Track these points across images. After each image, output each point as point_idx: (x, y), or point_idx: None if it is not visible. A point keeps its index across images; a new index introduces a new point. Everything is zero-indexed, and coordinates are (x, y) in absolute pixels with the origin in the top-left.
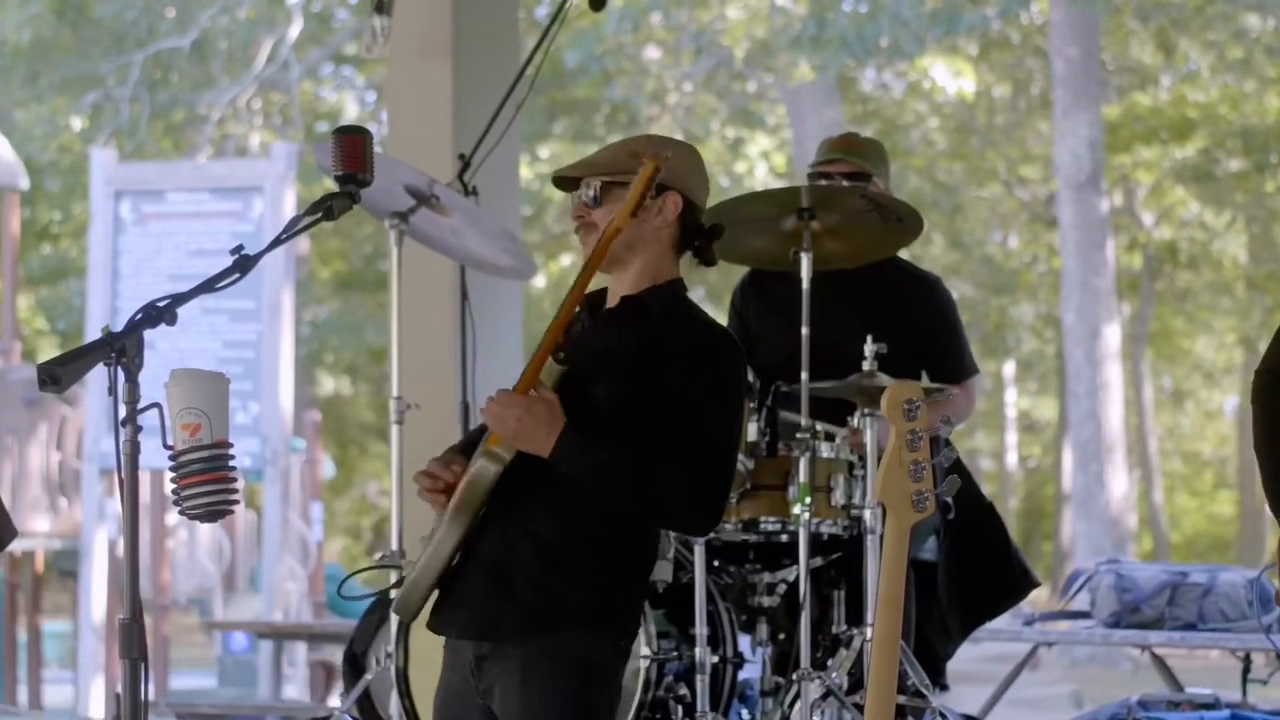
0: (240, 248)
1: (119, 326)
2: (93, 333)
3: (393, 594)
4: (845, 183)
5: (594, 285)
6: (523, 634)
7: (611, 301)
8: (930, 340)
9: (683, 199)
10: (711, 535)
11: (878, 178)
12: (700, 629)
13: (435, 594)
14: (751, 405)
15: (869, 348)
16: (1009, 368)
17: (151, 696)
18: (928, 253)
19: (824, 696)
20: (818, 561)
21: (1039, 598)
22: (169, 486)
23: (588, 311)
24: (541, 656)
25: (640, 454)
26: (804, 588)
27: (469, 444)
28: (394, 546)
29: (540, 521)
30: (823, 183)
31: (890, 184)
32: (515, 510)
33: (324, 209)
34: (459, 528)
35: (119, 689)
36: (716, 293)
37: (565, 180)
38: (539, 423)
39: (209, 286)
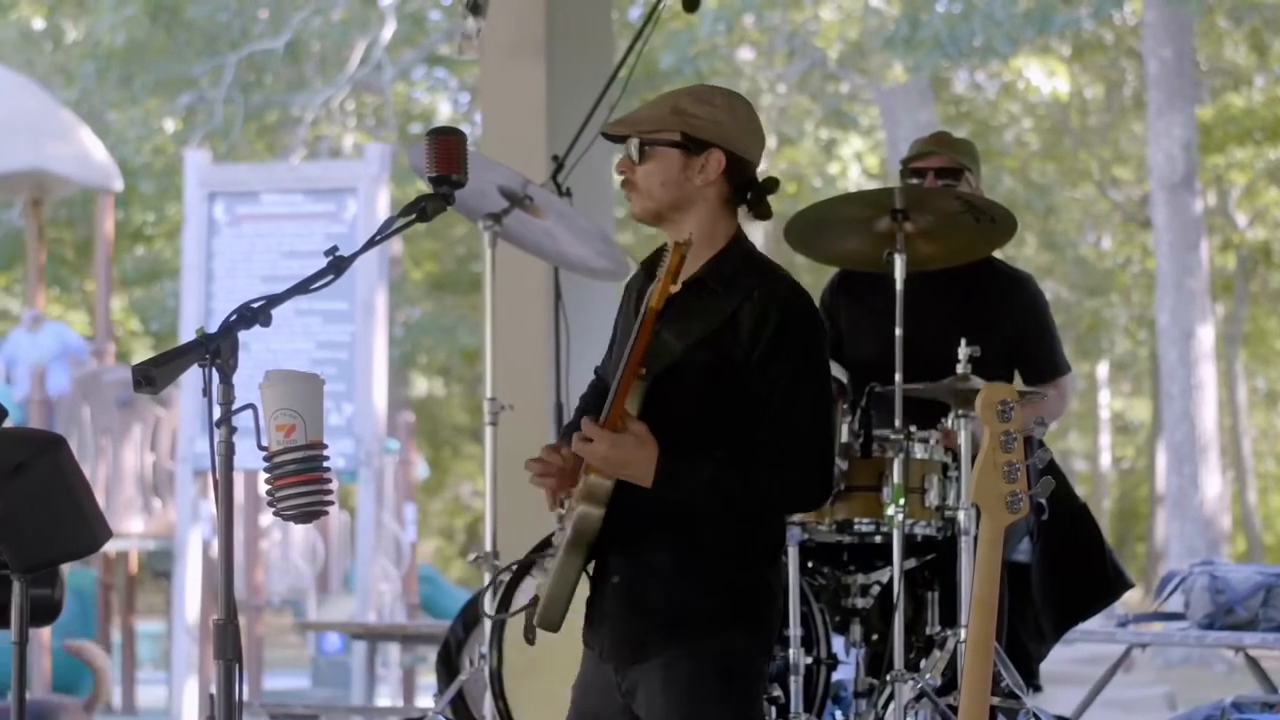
0: (335, 249)
1: (213, 328)
2: (186, 334)
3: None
4: (939, 181)
5: (641, 241)
6: (663, 644)
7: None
8: (1024, 338)
9: (726, 155)
10: (805, 536)
11: (970, 174)
12: (794, 630)
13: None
14: (844, 406)
15: (963, 350)
16: (1103, 369)
17: (245, 697)
18: (1021, 254)
19: (917, 698)
20: (911, 563)
21: (1132, 599)
22: (263, 487)
23: (647, 279)
24: (683, 659)
25: (736, 460)
26: (898, 589)
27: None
28: (488, 548)
29: (661, 538)
30: (914, 182)
31: (982, 185)
32: (635, 530)
33: (418, 210)
34: (577, 559)
35: (213, 690)
36: (811, 293)
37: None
38: (628, 458)
39: (304, 288)
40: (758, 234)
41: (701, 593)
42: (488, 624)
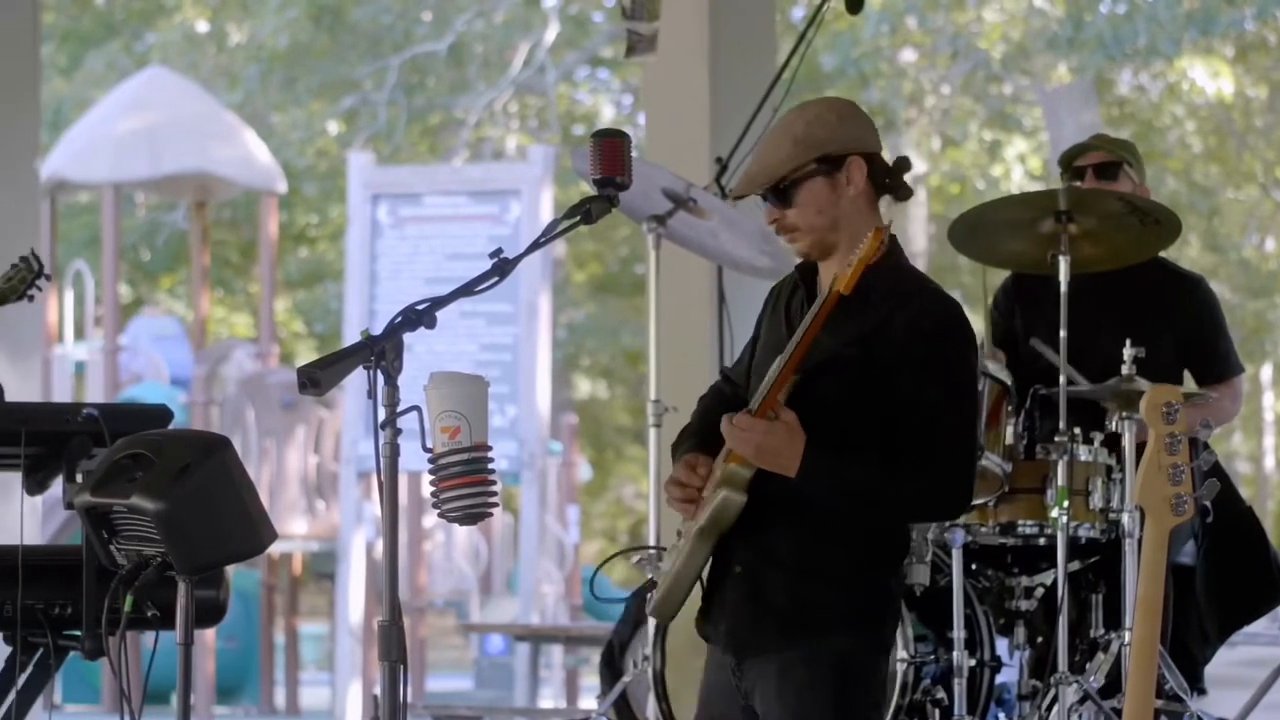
0: (499, 251)
1: (377, 330)
2: (350, 336)
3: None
4: (1098, 178)
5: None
6: (781, 641)
7: (827, 278)
8: (1195, 339)
9: (862, 157)
10: (969, 539)
11: (1129, 168)
12: (958, 632)
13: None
14: (1009, 408)
15: (1127, 351)
16: (1266, 371)
17: (409, 699)
18: (1184, 255)
19: (1081, 700)
20: (1075, 565)
21: None
22: (427, 489)
23: (802, 286)
24: (800, 660)
25: (881, 463)
26: (1061, 591)
27: (705, 431)
28: (651, 549)
29: (788, 530)
30: (1074, 182)
31: (1147, 185)
32: (763, 521)
33: (583, 212)
34: (706, 546)
35: (377, 691)
36: (974, 295)
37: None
38: (780, 446)
39: (468, 290)
40: (920, 236)
41: (823, 591)
42: (651, 625)
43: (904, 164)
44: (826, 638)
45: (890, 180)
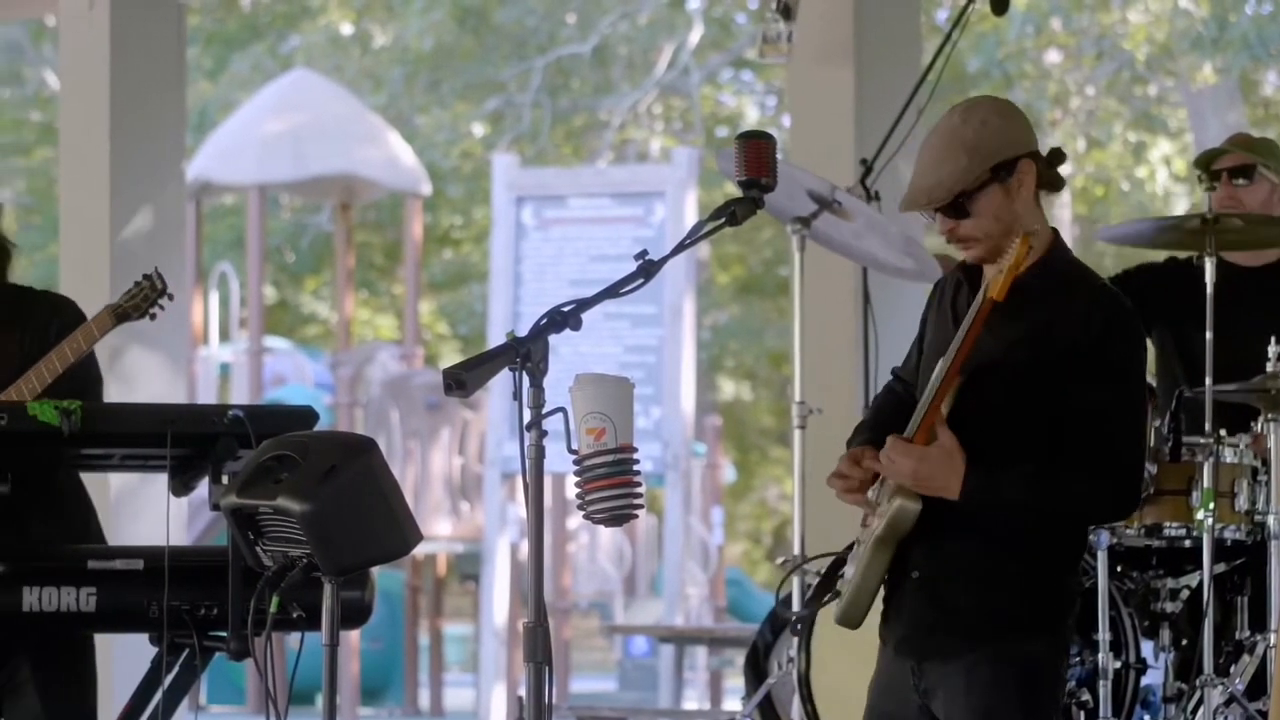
0: (644, 253)
1: (522, 332)
2: (494, 338)
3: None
4: (1233, 180)
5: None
6: (965, 645)
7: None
8: None
9: (1030, 158)
10: (1114, 541)
11: (1268, 170)
12: (1103, 634)
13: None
14: (1153, 409)
15: (1272, 349)
16: None
17: (554, 700)
18: None
19: (1227, 703)
20: (1221, 567)
21: None
22: (572, 490)
23: (966, 284)
24: (986, 661)
25: (1045, 474)
26: (1207, 594)
27: (878, 426)
28: (796, 551)
29: (964, 535)
30: (1210, 186)
31: None
32: (938, 526)
33: (728, 214)
34: (885, 554)
35: (522, 692)
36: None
37: None
38: (935, 473)
39: (614, 291)
40: (1065, 237)
41: (1004, 594)
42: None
43: (1060, 156)
44: (1011, 639)
45: (1051, 175)
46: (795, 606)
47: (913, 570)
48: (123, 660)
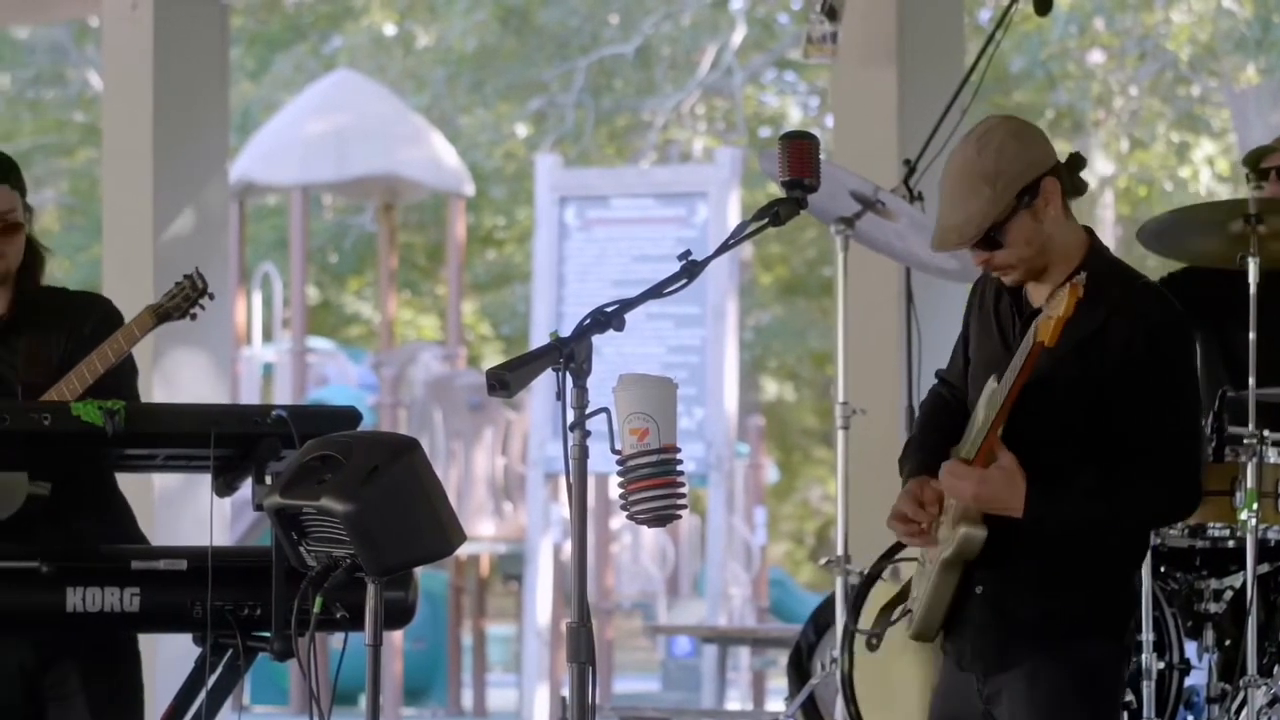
0: (688, 253)
1: (565, 332)
2: (537, 338)
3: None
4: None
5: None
6: (1029, 651)
7: (1033, 294)
8: None
9: (1051, 174)
10: (1158, 541)
11: None
12: (1146, 635)
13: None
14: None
15: None
16: None
17: (597, 700)
18: None
19: (1270, 703)
20: (1265, 568)
21: None
22: (615, 491)
23: (1009, 295)
24: (1047, 665)
25: (1109, 485)
26: (1251, 594)
27: (929, 445)
28: (839, 552)
29: (1028, 548)
30: (1258, 185)
31: None
32: (1002, 542)
33: (771, 214)
34: (953, 576)
35: (565, 693)
36: None
37: None
38: (997, 493)
39: (657, 292)
40: (1107, 238)
41: (1067, 599)
42: (839, 628)
43: (1079, 161)
44: (1074, 643)
45: (1074, 182)
46: (838, 607)
47: (977, 585)
48: (166, 661)
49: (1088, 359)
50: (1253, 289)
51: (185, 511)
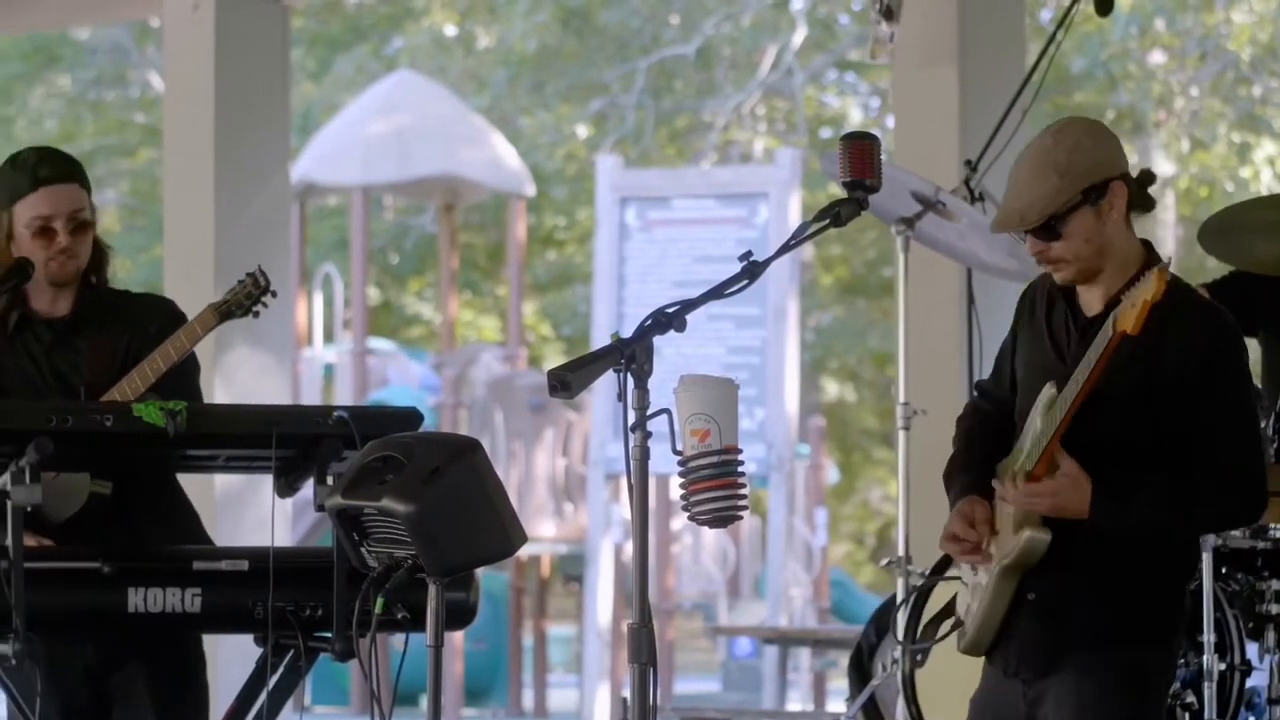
0: (749, 254)
1: (626, 333)
2: (597, 339)
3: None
4: None
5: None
6: (1077, 654)
7: (1087, 303)
8: None
9: (1121, 180)
10: (1219, 542)
11: None
12: (1208, 636)
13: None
14: (1259, 410)
15: None
16: None
17: (658, 701)
18: None
19: None
20: None
21: None
22: (676, 492)
23: (1061, 298)
24: (1095, 669)
25: (1173, 491)
26: None
27: (974, 463)
28: (899, 553)
29: (1080, 554)
30: None
31: None
32: (1054, 549)
33: (832, 215)
34: (1012, 584)
35: (626, 693)
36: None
37: None
38: (1065, 502)
39: (718, 293)
40: (1168, 238)
41: (1119, 605)
42: (900, 628)
43: (1150, 178)
44: (1123, 647)
45: (1141, 196)
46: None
47: (1028, 593)
48: (227, 661)
49: (1148, 374)
50: None
51: (247, 512)
